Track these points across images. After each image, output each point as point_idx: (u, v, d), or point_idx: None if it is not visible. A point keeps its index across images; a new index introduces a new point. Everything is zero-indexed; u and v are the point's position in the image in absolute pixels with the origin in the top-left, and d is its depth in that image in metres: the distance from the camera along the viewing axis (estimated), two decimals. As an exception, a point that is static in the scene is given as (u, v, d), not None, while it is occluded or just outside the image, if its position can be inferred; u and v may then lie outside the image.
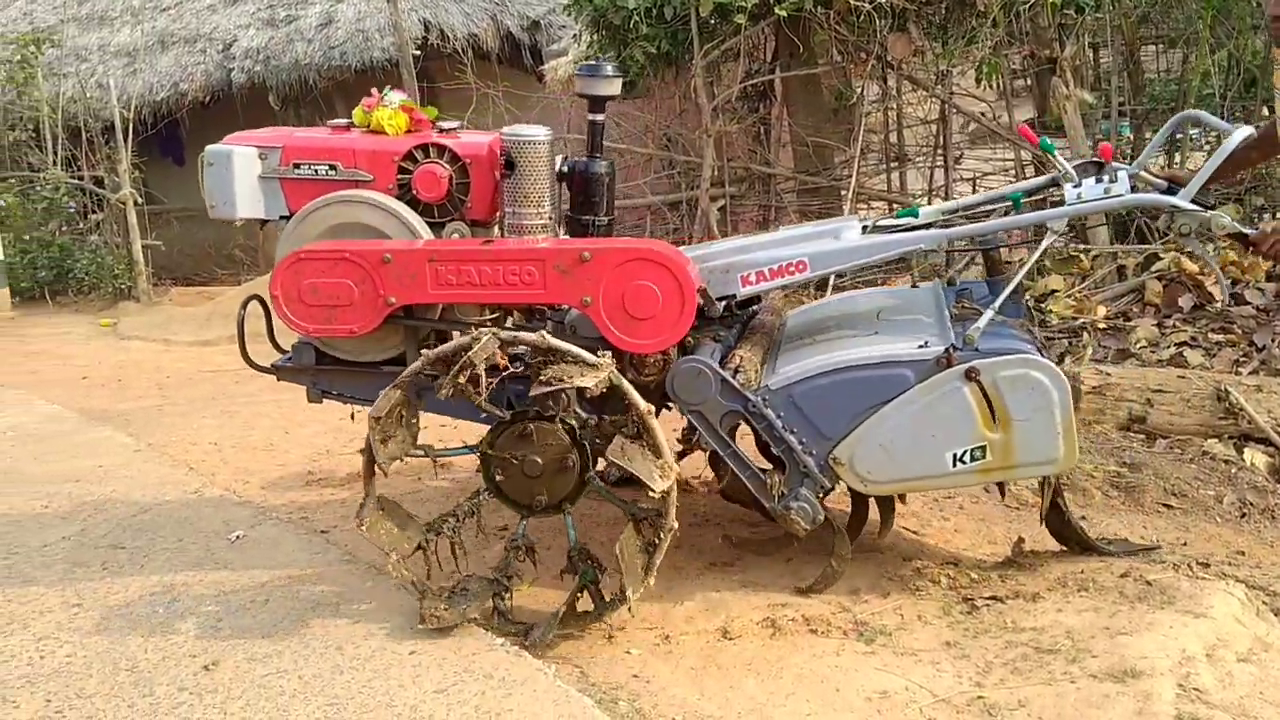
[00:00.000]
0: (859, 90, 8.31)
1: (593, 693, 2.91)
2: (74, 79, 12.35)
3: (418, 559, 3.30)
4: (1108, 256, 6.49)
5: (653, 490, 3.02)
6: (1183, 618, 3.09)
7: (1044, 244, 3.35)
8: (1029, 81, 10.43)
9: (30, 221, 11.21)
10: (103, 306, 10.59)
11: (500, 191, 3.43)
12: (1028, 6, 7.06)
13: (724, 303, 3.50)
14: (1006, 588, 3.38)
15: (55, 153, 11.70)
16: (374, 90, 3.65)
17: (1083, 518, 3.89)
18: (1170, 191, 3.35)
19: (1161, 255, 6.22)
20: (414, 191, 3.41)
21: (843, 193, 7.67)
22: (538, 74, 10.43)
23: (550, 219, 3.39)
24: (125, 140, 11.08)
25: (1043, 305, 6.19)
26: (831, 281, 6.38)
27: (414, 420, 3.25)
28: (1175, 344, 5.51)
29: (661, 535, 3.11)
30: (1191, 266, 5.97)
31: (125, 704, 2.97)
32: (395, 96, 3.56)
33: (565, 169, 3.47)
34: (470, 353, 3.04)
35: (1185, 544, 3.72)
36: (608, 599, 3.21)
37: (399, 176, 3.43)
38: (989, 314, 3.21)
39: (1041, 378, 3.08)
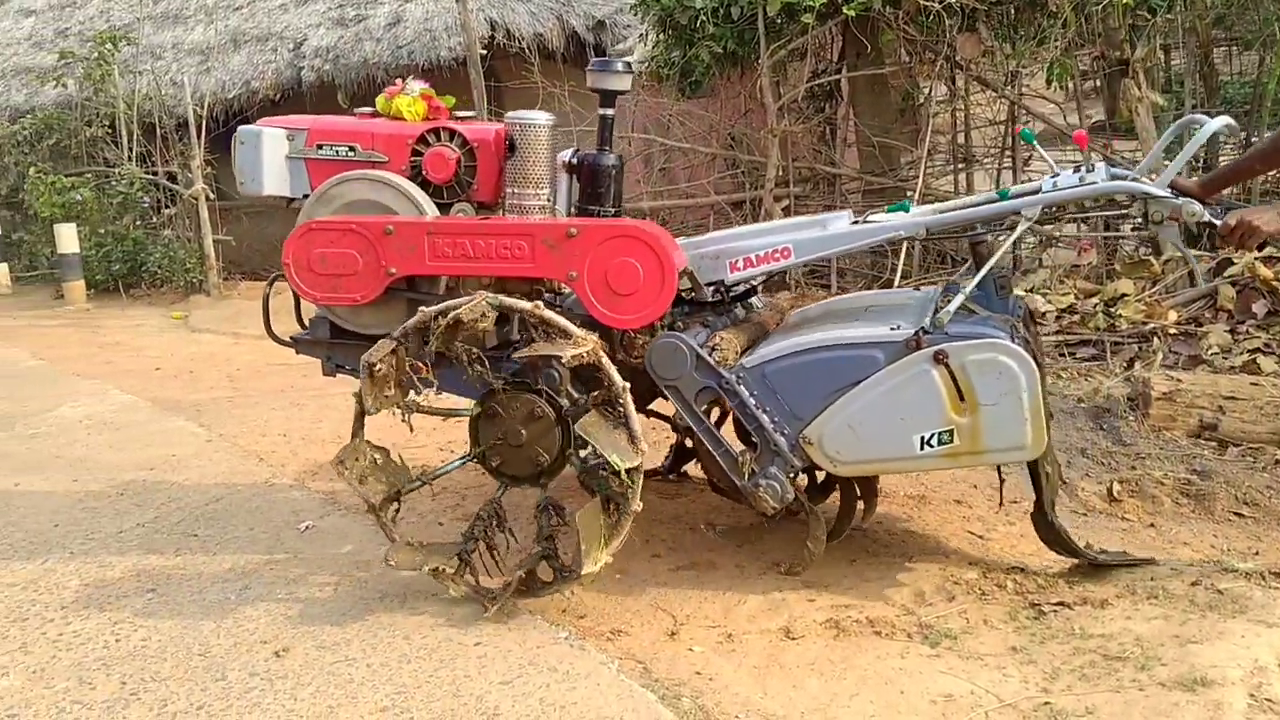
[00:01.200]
0: (926, 90, 8.25)
1: (656, 688, 2.93)
2: (149, 76, 12.60)
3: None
4: (1179, 261, 6.38)
5: (616, 467, 3.09)
6: (1255, 627, 3.04)
7: (1016, 232, 3.33)
8: (1099, 83, 10.27)
9: (105, 216, 11.45)
10: (174, 299, 10.80)
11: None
12: (1099, 7, 6.96)
13: (713, 288, 3.59)
14: (1074, 594, 3.34)
15: (130, 148, 11.95)
16: (398, 79, 3.84)
17: (1151, 525, 3.84)
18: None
19: (1235, 260, 6.11)
20: (424, 173, 3.59)
21: (909, 194, 7.61)
22: (603, 73, 10.47)
23: (549, 201, 3.54)
24: (198, 137, 11.29)
25: (1111, 310, 6.10)
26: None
27: (406, 379, 3.33)
28: (1248, 350, 5.40)
29: (624, 518, 3.20)
30: (1266, 272, 5.85)
31: (198, 687, 3.04)
32: (416, 85, 3.74)
33: (575, 161, 3.58)
34: (459, 310, 3.18)
35: (1257, 553, 3.65)
36: (566, 573, 3.29)
37: (412, 159, 3.61)
38: (959, 298, 3.23)
39: (1010, 363, 3.07)
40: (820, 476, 3.89)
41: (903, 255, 7.17)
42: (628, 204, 8.49)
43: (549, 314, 3.22)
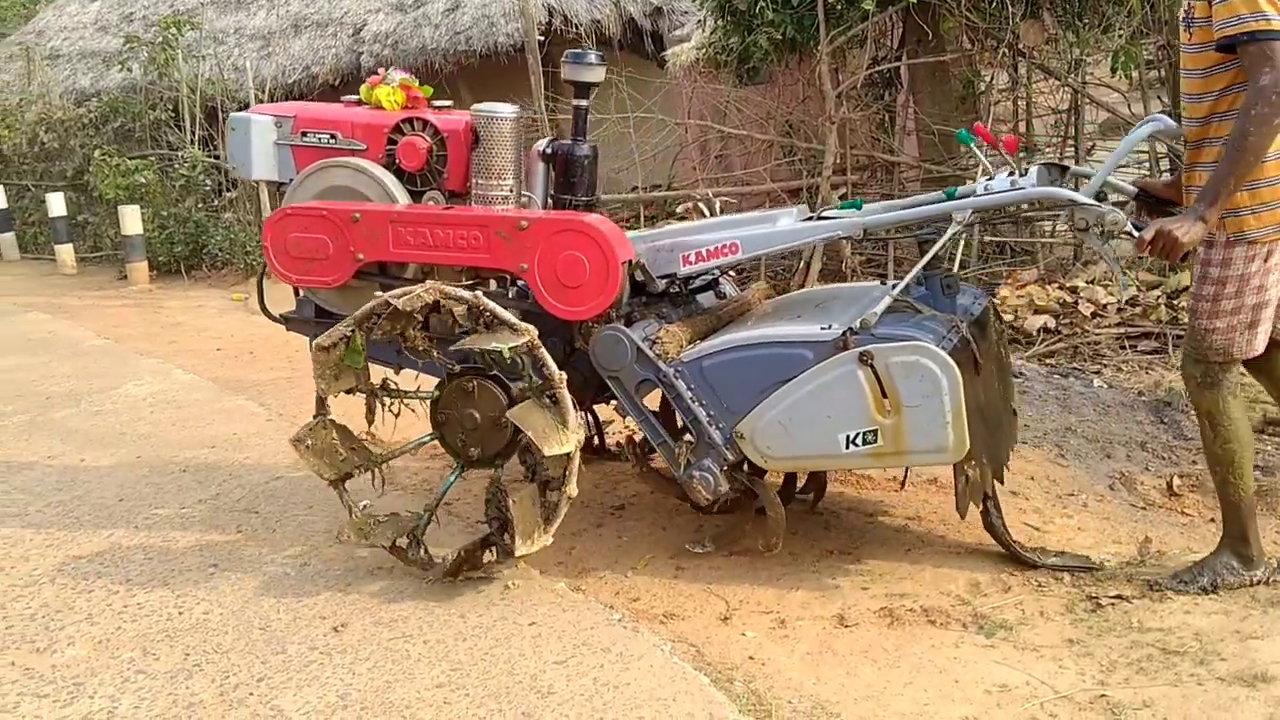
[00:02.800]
0: (988, 78, 8.15)
1: (709, 671, 2.94)
2: (212, 61, 12.76)
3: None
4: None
5: (542, 452, 3.17)
6: (1318, 624, 2.99)
7: (946, 234, 3.33)
8: (1164, 72, 10.09)
9: (168, 198, 11.61)
10: (235, 281, 10.94)
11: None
12: (1166, -6, 6.84)
13: (666, 280, 3.62)
14: (1132, 587, 3.30)
15: (193, 132, 12.11)
16: (379, 69, 3.97)
17: (1211, 520, 3.78)
18: (1143, 198, 3.47)
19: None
20: (397, 161, 3.67)
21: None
22: (659, 60, 10.45)
23: (512, 192, 3.61)
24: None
25: (1174, 302, 6.01)
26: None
27: (362, 363, 3.51)
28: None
29: (560, 501, 3.28)
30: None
31: (259, 660, 3.10)
32: (396, 75, 3.86)
33: (549, 150, 3.68)
34: (405, 298, 3.29)
35: (1322, 550, 3.59)
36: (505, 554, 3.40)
37: (388, 147, 3.71)
38: (885, 299, 3.26)
39: (931, 366, 3.07)
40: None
41: (960, 245, 7.11)
42: (682, 190, 8.51)
43: (491, 304, 3.29)
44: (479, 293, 3.36)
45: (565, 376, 3.27)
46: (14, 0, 21.67)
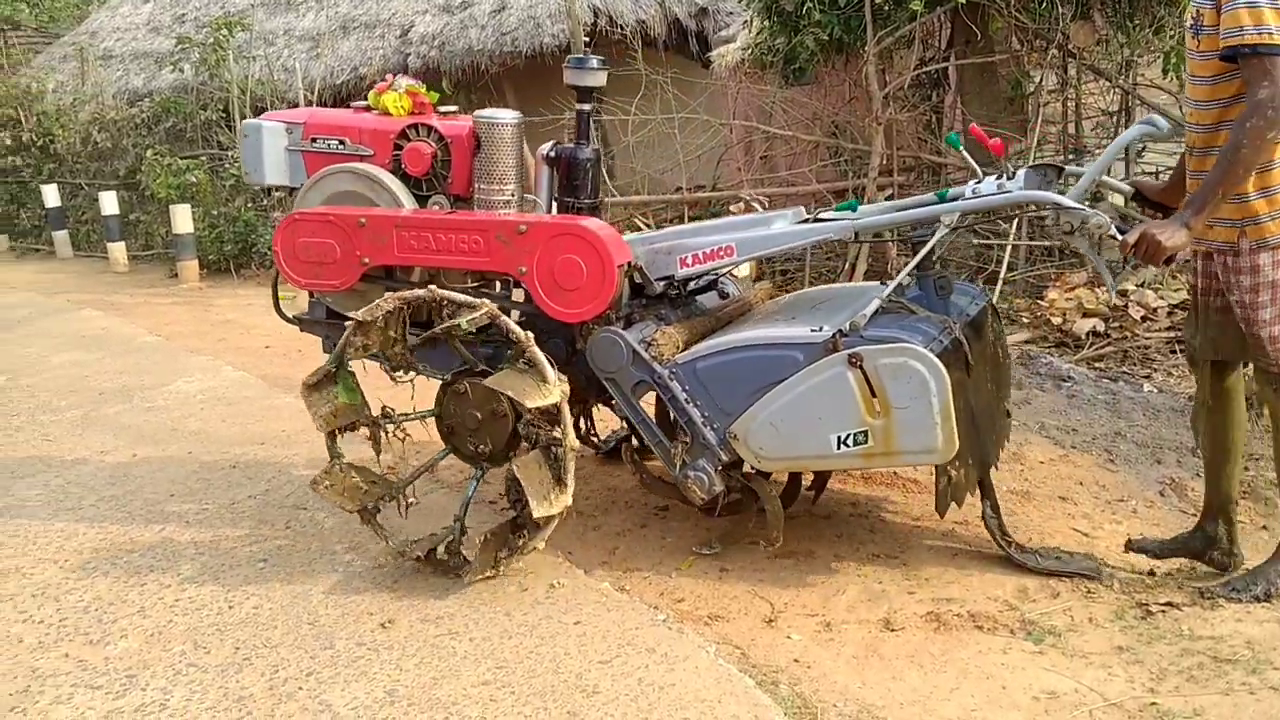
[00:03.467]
0: (1037, 79, 8.07)
1: (754, 674, 2.94)
2: (261, 62, 12.90)
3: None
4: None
5: (528, 405, 3.23)
6: (1377, 636, 2.94)
7: (934, 238, 3.35)
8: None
9: (219, 197, 11.75)
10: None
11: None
12: (1221, -6, 6.73)
13: (663, 282, 3.67)
14: (1183, 594, 3.27)
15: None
16: (388, 75, 4.02)
17: (1264, 527, 3.73)
18: (1137, 197, 3.46)
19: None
20: (403, 166, 3.75)
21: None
22: (704, 61, 10.44)
23: (514, 196, 3.67)
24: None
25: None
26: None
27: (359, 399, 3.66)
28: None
29: (565, 455, 3.32)
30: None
31: (308, 655, 3.14)
32: (403, 82, 3.92)
33: (553, 154, 3.73)
34: (364, 310, 3.41)
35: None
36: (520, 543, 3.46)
37: (394, 152, 3.77)
38: (875, 302, 3.30)
39: (920, 367, 3.08)
40: None
41: (1009, 248, 7.05)
42: (727, 190, 8.50)
43: (444, 292, 3.38)
44: (433, 286, 3.43)
45: (532, 336, 3.33)
46: (68, 1, 22.07)
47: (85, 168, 13.93)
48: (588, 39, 10.19)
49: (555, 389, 3.28)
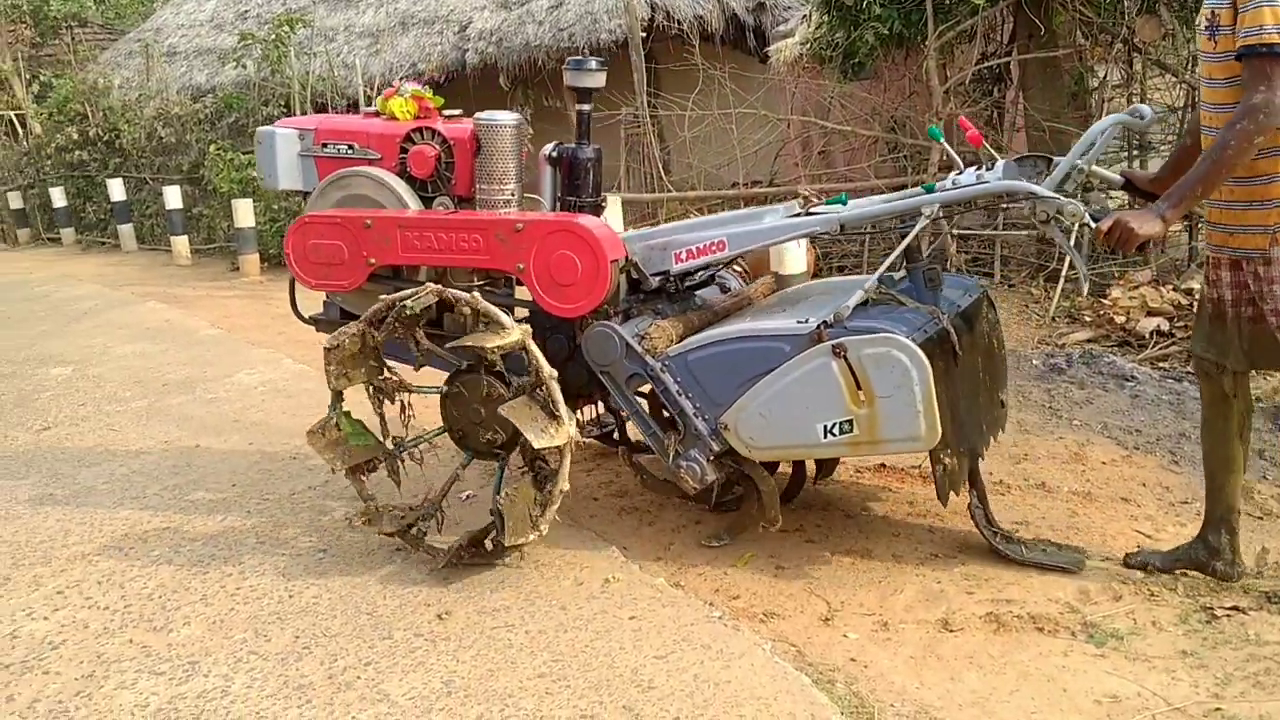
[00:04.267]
0: (1101, 75, 7.94)
1: (809, 672, 2.92)
2: (322, 58, 13.03)
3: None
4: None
5: (533, 444, 3.27)
6: None
7: (915, 229, 3.38)
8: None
9: (280, 192, 11.90)
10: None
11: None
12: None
13: (659, 277, 3.71)
14: (1249, 598, 3.20)
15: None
16: (394, 81, 4.03)
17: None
18: (1127, 187, 3.46)
19: None
20: (408, 168, 3.83)
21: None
22: (761, 56, 10.39)
23: (514, 195, 3.74)
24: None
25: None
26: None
27: (374, 362, 3.67)
28: None
29: (554, 495, 3.38)
30: None
31: (366, 644, 3.17)
32: (409, 87, 4.01)
33: (554, 155, 3.83)
34: (408, 301, 3.43)
35: None
36: (505, 545, 3.51)
37: (400, 155, 3.86)
38: (859, 293, 3.34)
39: (902, 357, 3.12)
40: None
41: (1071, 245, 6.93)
42: (784, 186, 8.45)
43: (485, 305, 3.41)
44: (475, 293, 3.49)
45: (555, 373, 3.38)
46: (134, -1, 22.44)
47: (150, 162, 14.17)
48: (644, 34, 10.17)
49: (564, 431, 3.33)
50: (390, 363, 3.80)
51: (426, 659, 3.07)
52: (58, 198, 15.44)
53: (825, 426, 3.25)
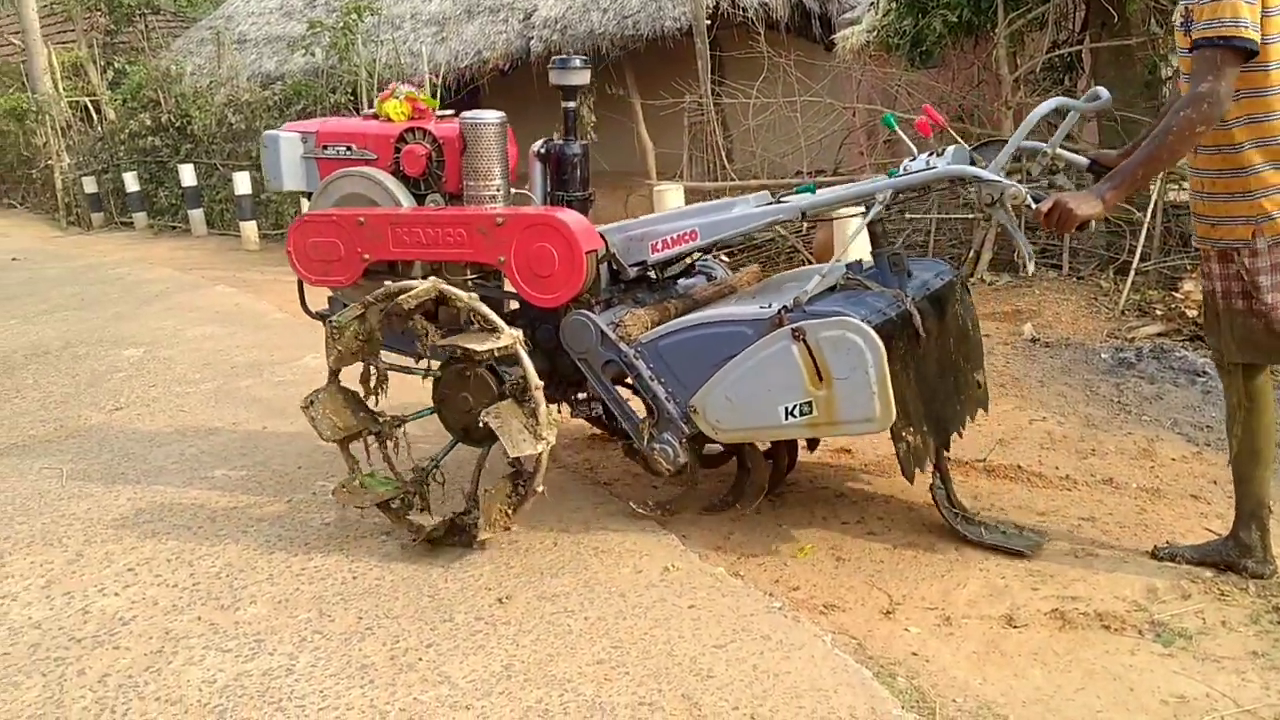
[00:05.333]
0: (1175, 64, 7.77)
1: (870, 665, 2.90)
2: (389, 45, 13.15)
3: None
4: None
5: (511, 454, 3.43)
6: None
7: (870, 215, 3.46)
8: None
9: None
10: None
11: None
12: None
13: (637, 267, 3.82)
14: (1325, 601, 3.12)
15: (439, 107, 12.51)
16: (391, 83, 4.26)
17: None
18: (1094, 170, 3.47)
19: None
20: (401, 168, 3.96)
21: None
22: (827, 43, 10.31)
23: (500, 191, 3.84)
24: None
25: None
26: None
27: (373, 345, 3.76)
28: None
29: (527, 495, 3.58)
30: None
31: (428, 626, 3.20)
32: (403, 89, 4.14)
33: (543, 151, 3.95)
34: (408, 293, 3.53)
35: None
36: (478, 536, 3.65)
37: (395, 155, 3.99)
38: (817, 278, 3.47)
39: (856, 339, 3.20)
40: None
41: (1142, 237, 6.81)
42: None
43: (481, 307, 3.53)
44: (473, 294, 3.61)
45: (541, 384, 3.51)
46: (206, -13, 22.77)
47: (220, 148, 14.39)
48: (709, 21, 10.13)
49: (543, 441, 3.46)
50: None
51: (487, 642, 3.09)
52: (130, 183, 15.73)
53: (786, 408, 3.35)
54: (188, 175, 14.24)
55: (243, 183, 12.74)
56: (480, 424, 3.57)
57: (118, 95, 17.42)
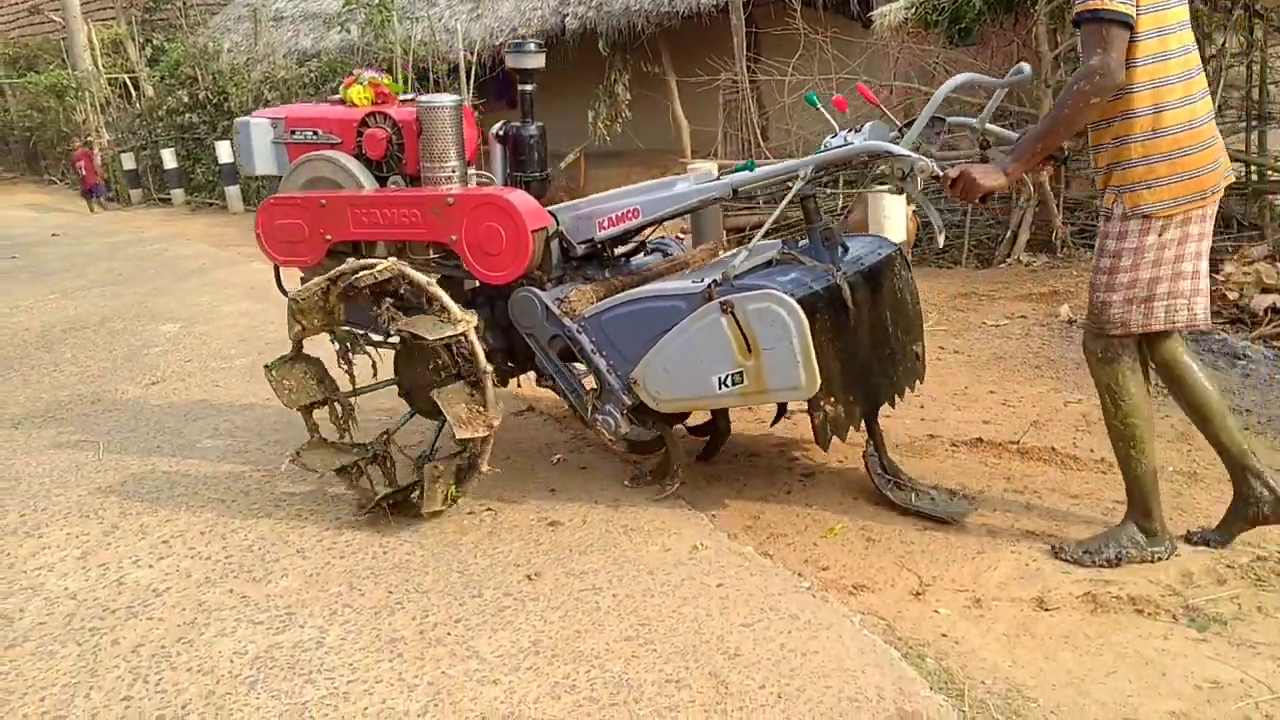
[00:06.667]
0: (1220, 41, 7.63)
1: (899, 646, 2.88)
2: (424, 22, 13.15)
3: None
4: None
5: (458, 436, 3.53)
6: None
7: (792, 192, 3.53)
8: None
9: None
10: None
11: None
12: None
13: (586, 245, 3.93)
14: (1365, 589, 3.07)
15: (405, 92, 12.53)
16: (354, 70, 4.35)
17: None
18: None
19: None
20: (364, 151, 4.05)
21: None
22: (864, 20, 10.20)
23: (455, 172, 3.90)
24: (467, 81, 11.71)
25: None
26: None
27: (334, 319, 3.86)
28: None
29: (471, 474, 3.72)
30: None
31: (457, 602, 3.21)
32: (366, 75, 4.28)
33: (501, 133, 4.08)
34: (367, 270, 3.63)
35: None
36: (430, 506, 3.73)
37: (358, 139, 4.09)
38: (744, 253, 3.65)
39: (780, 311, 3.31)
40: None
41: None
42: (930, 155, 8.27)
43: (436, 290, 3.60)
44: (432, 278, 3.69)
45: (490, 368, 3.61)
46: (244, -36, 22.85)
47: (257, 125, 14.44)
48: (745, -1, 10.05)
49: (490, 423, 3.57)
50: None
51: (515, 618, 3.10)
52: (168, 159, 15.87)
53: (719, 378, 3.47)
54: (224, 152, 14.34)
55: (279, 160, 12.78)
56: (430, 399, 3.69)
57: (156, 72, 17.55)
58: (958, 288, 7.04)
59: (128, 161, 16.94)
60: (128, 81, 18.41)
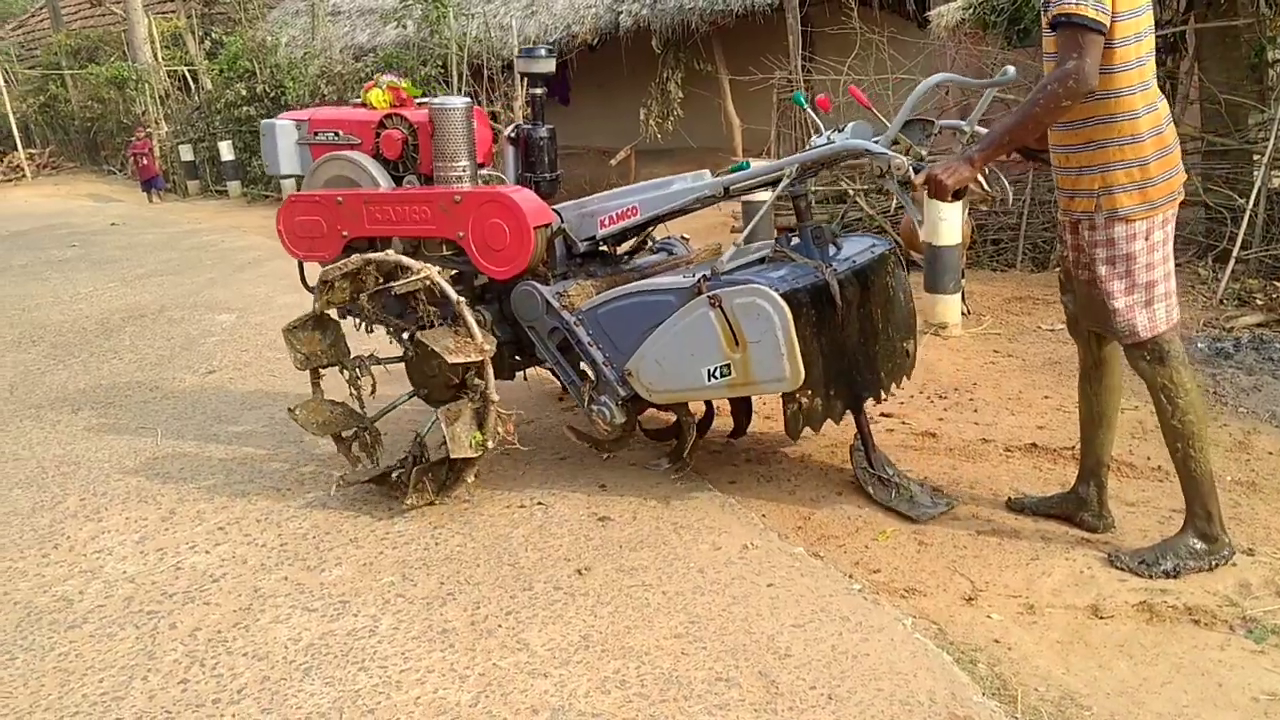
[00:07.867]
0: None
1: (951, 650, 2.87)
2: (480, 19, 13.22)
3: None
4: None
5: (452, 453, 3.67)
6: None
7: (777, 189, 3.66)
8: None
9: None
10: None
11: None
12: None
13: (588, 242, 4.07)
14: None
15: (459, 88, 12.61)
16: (376, 75, 4.44)
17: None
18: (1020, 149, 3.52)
19: None
20: (381, 151, 4.17)
21: (1255, 157, 6.97)
22: (921, 20, 10.12)
23: (465, 171, 4.02)
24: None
25: None
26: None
27: (351, 294, 4.02)
28: None
29: (458, 482, 3.90)
30: None
31: (507, 594, 3.24)
32: (385, 79, 4.40)
33: (513, 135, 4.22)
34: (403, 277, 3.80)
35: None
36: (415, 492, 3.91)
37: (376, 140, 4.20)
38: (732, 249, 3.76)
39: (765, 305, 3.41)
40: None
41: (1244, 224, 6.59)
42: (941, 153, 8.22)
43: (466, 313, 3.72)
44: (390, 251, 3.89)
45: (466, 300, 3.75)
46: (302, -40, 23.08)
47: (313, 119, 14.59)
48: (801, -2, 10.01)
49: (480, 349, 3.68)
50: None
51: (565, 612, 3.12)
52: (226, 151, 16.06)
53: (708, 371, 3.57)
54: (280, 145, 14.47)
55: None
56: (437, 389, 3.92)
57: (215, 65, 17.77)
58: (1012, 291, 6.97)
59: (186, 153, 17.17)
60: (186, 74, 18.68)
